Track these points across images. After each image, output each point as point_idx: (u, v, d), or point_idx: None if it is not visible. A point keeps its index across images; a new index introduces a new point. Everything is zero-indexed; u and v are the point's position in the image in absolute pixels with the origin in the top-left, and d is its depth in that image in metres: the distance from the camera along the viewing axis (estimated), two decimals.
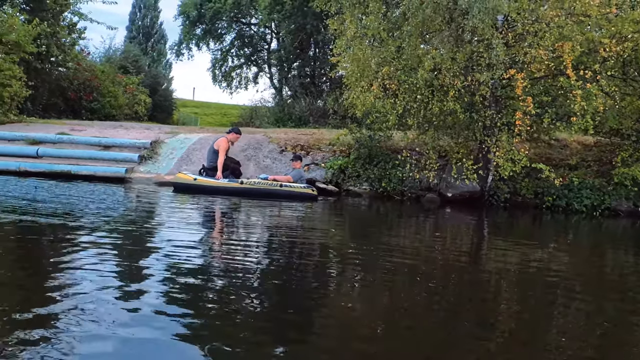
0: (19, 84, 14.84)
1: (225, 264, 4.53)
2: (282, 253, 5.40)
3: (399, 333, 3.22)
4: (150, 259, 4.47)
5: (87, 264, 4.06)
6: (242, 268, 4.40)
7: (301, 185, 10.09)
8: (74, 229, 5.64)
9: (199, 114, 34.46)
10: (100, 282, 3.61)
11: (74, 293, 3.34)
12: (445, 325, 3.40)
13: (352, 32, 10.55)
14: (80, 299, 3.21)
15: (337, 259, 5.39)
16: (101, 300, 3.24)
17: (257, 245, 5.70)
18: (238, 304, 3.47)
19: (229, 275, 4.16)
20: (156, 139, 12.76)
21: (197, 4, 26.21)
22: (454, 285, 4.55)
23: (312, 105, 21.91)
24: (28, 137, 12.56)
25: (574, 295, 4.38)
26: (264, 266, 4.62)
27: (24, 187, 8.91)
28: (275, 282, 4.21)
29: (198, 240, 5.71)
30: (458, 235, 7.88)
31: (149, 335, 2.81)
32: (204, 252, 5.10)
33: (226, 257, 4.83)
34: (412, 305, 3.83)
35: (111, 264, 4.25)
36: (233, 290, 3.75)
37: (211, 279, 4.05)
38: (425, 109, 10.03)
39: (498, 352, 2.99)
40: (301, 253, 5.44)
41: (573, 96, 9.00)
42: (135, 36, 44.13)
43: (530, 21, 9.24)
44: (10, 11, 15.83)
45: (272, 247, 5.72)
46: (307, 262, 5.05)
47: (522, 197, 10.99)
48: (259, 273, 4.32)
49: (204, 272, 4.23)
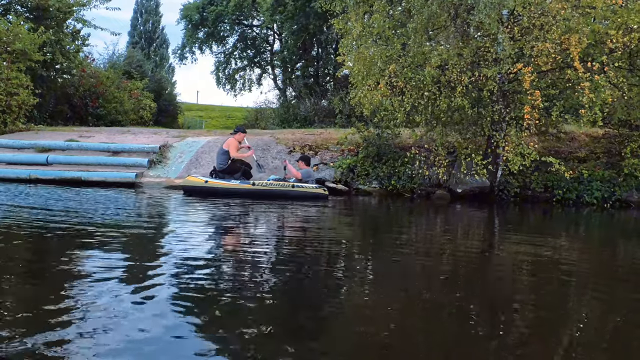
0: (26, 92, 14.92)
1: (239, 262, 4.56)
2: (295, 251, 5.39)
3: (414, 327, 3.25)
4: (166, 259, 4.50)
5: (112, 266, 4.10)
6: (256, 265, 4.43)
7: (313, 186, 10.09)
8: (95, 233, 5.68)
9: (203, 117, 34.52)
10: (115, 283, 3.67)
11: (90, 291, 3.40)
12: (461, 318, 3.41)
13: (357, 31, 10.56)
14: (98, 297, 3.27)
15: (349, 256, 5.41)
16: (116, 299, 3.31)
17: (270, 244, 5.71)
18: (251, 300, 3.49)
19: (243, 273, 4.20)
20: (164, 143, 12.81)
21: (200, 8, 26.34)
22: (468, 280, 4.56)
23: (317, 105, 21.93)
24: (37, 145, 12.63)
25: (588, 287, 4.37)
26: (277, 265, 4.64)
27: (37, 195, 8.97)
28: (289, 276, 4.23)
29: (215, 242, 5.74)
30: (470, 231, 7.88)
31: (163, 333, 2.84)
32: (219, 250, 5.13)
33: (240, 256, 4.86)
34: (427, 300, 3.83)
35: (129, 264, 4.29)
36: (246, 287, 3.77)
37: (226, 277, 4.08)
38: (433, 106, 10.05)
39: (514, 345, 2.99)
40: (313, 251, 5.44)
41: (581, 88, 8.99)
42: (137, 41, 44.29)
43: (537, 14, 9.22)
44: (15, 20, 15.88)
45: (284, 246, 5.72)
46: (319, 261, 5.05)
47: (531, 191, 10.99)
48: (272, 272, 4.35)
49: (220, 266, 4.26)
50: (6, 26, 15.31)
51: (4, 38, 14.94)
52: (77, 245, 5.07)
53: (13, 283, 3.82)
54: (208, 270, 4.26)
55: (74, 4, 18.75)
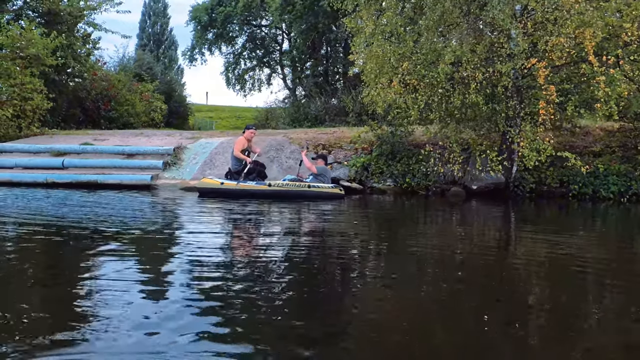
0: (40, 97, 15.04)
1: (254, 263, 4.59)
2: (311, 252, 5.39)
3: (432, 325, 3.27)
4: (180, 262, 4.57)
5: (132, 267, 4.15)
6: (272, 264, 4.47)
7: (329, 185, 10.07)
8: (120, 236, 5.73)
9: (213, 118, 34.61)
10: (131, 284, 3.76)
11: (104, 294, 3.48)
12: (479, 315, 3.41)
13: (370, 29, 10.55)
14: (112, 301, 3.34)
15: (365, 256, 5.42)
16: (131, 301, 3.40)
17: (286, 244, 5.72)
18: (267, 301, 3.51)
19: (258, 274, 4.24)
20: (178, 145, 12.87)
21: (208, 9, 26.40)
22: (487, 276, 4.56)
23: (327, 104, 21.93)
24: (53, 149, 12.74)
25: (607, 284, 4.34)
26: (293, 265, 4.68)
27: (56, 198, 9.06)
28: (305, 273, 4.29)
29: (232, 243, 5.77)
30: (488, 229, 7.87)
31: (174, 334, 2.87)
32: (237, 252, 5.16)
33: (255, 257, 4.90)
34: (445, 297, 3.84)
35: (147, 266, 4.34)
36: (261, 289, 3.81)
37: (241, 278, 4.11)
38: (447, 102, 10.03)
39: (534, 347, 2.97)
40: (332, 251, 5.46)
41: (596, 82, 8.95)
42: (146, 43, 44.47)
43: (551, 9, 9.18)
44: (27, 25, 15.99)
45: (300, 246, 5.72)
46: (336, 261, 5.05)
47: (547, 187, 10.93)
48: (288, 271, 4.41)
49: (236, 267, 4.30)
50: (19, 31, 15.42)
51: (17, 43, 15.06)
52: (109, 250, 5.12)
53: (40, 283, 3.87)
54: (225, 272, 4.30)
55: (85, 8, 18.85)
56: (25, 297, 3.54)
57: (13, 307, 3.25)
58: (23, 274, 4.19)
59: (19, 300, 3.41)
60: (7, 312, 3.14)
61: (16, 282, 3.95)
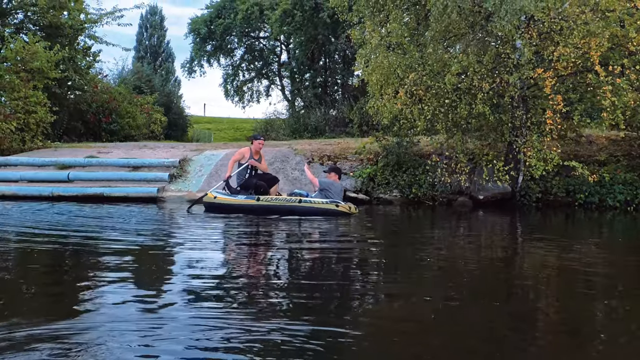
0: (43, 110, 15.04)
1: (258, 273, 4.61)
2: (317, 263, 5.36)
3: (443, 331, 3.25)
4: (182, 274, 4.55)
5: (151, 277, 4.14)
6: (277, 274, 4.47)
7: (322, 201, 9.05)
8: (131, 249, 5.72)
9: (212, 130, 34.62)
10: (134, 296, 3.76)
11: (106, 304, 3.50)
12: (488, 322, 3.41)
13: (375, 40, 10.61)
14: (115, 312, 3.34)
15: (373, 265, 5.40)
16: (130, 312, 3.38)
17: (291, 257, 5.71)
18: (272, 311, 3.50)
19: (262, 282, 4.27)
20: (184, 157, 12.88)
21: (207, 21, 26.48)
22: (496, 285, 4.56)
23: (327, 115, 22.01)
24: (58, 162, 12.71)
25: (615, 297, 4.28)
26: (298, 277, 4.66)
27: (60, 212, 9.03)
28: (311, 279, 4.29)
29: (238, 253, 5.77)
30: (496, 238, 7.83)
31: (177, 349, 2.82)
32: (242, 261, 5.16)
33: (258, 268, 4.92)
34: (454, 304, 3.84)
35: (153, 278, 4.32)
36: (267, 298, 3.82)
37: (247, 286, 4.10)
38: (453, 113, 10.08)
39: (542, 349, 2.96)
40: (338, 261, 5.45)
41: (602, 92, 9.01)
42: (143, 56, 44.52)
43: (557, 20, 9.26)
44: (30, 39, 16.03)
45: (305, 257, 5.67)
46: (344, 270, 5.04)
47: (553, 196, 10.96)
48: (296, 277, 4.39)
49: (242, 276, 4.29)
50: (22, 45, 15.44)
51: (21, 57, 15.08)
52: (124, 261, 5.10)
53: (49, 292, 3.86)
54: (230, 283, 4.29)
55: (86, 21, 18.91)
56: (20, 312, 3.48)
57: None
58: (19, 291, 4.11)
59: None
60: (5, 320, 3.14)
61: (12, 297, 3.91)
